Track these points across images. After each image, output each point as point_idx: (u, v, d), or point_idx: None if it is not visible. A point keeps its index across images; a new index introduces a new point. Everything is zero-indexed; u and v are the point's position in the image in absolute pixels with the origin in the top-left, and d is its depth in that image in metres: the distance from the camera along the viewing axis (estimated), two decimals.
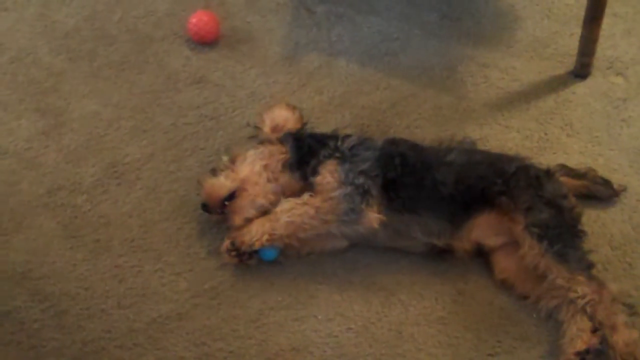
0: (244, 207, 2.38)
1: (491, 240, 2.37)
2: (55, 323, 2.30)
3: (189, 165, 2.66)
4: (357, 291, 2.37)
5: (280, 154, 2.46)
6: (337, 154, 2.38)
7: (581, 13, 2.81)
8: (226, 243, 2.37)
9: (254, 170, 2.43)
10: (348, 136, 2.45)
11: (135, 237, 2.49)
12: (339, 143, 2.41)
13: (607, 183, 2.54)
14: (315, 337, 2.27)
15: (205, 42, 3.01)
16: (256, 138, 2.55)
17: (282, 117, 2.52)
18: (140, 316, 2.32)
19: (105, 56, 2.99)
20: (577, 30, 2.87)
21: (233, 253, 2.35)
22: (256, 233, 2.31)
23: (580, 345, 2.11)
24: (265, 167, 2.43)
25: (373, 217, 2.29)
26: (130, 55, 2.99)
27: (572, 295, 2.19)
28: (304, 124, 2.54)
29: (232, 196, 2.39)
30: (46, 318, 2.31)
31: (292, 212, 2.29)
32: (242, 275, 2.39)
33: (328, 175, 2.34)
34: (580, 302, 2.17)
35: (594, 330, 2.13)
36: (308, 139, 2.48)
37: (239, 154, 2.48)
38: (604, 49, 2.96)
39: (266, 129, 2.52)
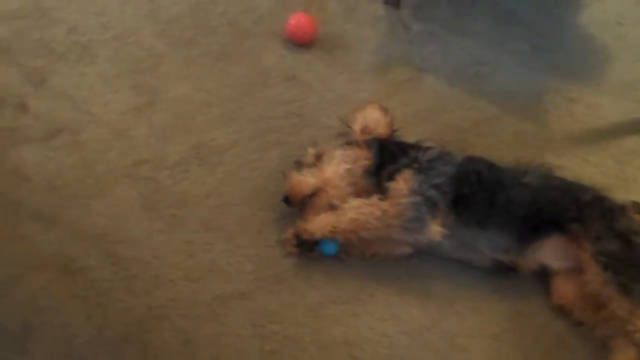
0: (321, 207, 2.45)
1: (556, 264, 2.39)
2: (124, 285, 2.39)
3: (271, 156, 2.74)
4: (416, 297, 2.41)
5: (364, 159, 2.51)
6: (415, 165, 2.42)
7: None
8: (289, 232, 2.45)
9: (337, 172, 2.49)
10: (430, 148, 2.50)
11: (210, 217, 2.57)
12: (420, 154, 2.46)
13: None
14: (369, 334, 2.32)
15: (300, 43, 3.10)
16: (344, 136, 2.61)
17: (373, 119, 2.57)
18: (205, 290, 2.40)
19: (204, 45, 3.10)
20: None
21: (294, 242, 2.43)
22: (320, 224, 2.38)
23: None
24: (349, 170, 2.49)
25: (436, 229, 2.34)
26: (227, 47, 3.10)
27: (630, 327, 2.20)
28: (394, 131, 2.58)
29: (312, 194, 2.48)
30: (116, 279, 2.40)
31: (358, 209, 2.36)
32: (305, 266, 2.46)
33: (402, 182, 2.38)
34: (637, 335, 2.18)
35: None
36: (392, 145, 2.53)
37: (326, 151, 2.55)
38: None
39: (356, 128, 2.57)
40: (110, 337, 2.29)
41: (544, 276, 2.43)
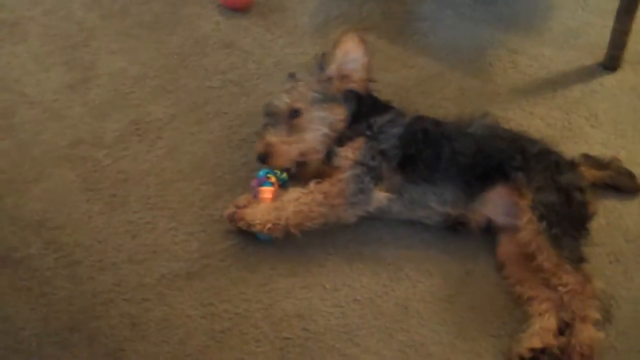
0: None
1: (500, 219, 2.38)
2: (67, 273, 2.32)
3: (211, 128, 2.68)
4: (366, 264, 2.37)
5: (340, 122, 2.45)
6: (368, 132, 2.40)
7: (615, 6, 2.80)
8: (230, 211, 2.38)
9: (316, 138, 2.43)
10: (388, 112, 2.47)
11: (151, 195, 2.51)
12: (377, 119, 2.43)
13: (630, 175, 2.53)
14: (321, 306, 2.28)
15: (236, 9, 3.03)
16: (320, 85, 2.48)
17: (351, 59, 2.47)
18: (151, 272, 2.34)
19: (137, 15, 3.01)
20: (610, 23, 2.86)
21: (233, 222, 2.37)
22: (260, 218, 2.32)
23: (537, 343, 2.11)
24: (327, 135, 2.44)
25: (381, 195, 2.33)
26: (161, 16, 3.02)
27: (555, 281, 2.20)
28: (370, 80, 2.51)
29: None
30: (59, 267, 2.34)
31: (299, 201, 2.31)
32: (253, 240, 2.40)
33: (350, 151, 2.37)
34: (561, 289, 2.18)
35: (560, 334, 2.14)
36: (367, 100, 2.48)
37: (303, 107, 2.43)
38: (635, 42, 2.94)
39: (333, 72, 2.46)
40: (56, 327, 2.22)
41: (491, 233, 2.41)
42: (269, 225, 2.30)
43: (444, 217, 2.39)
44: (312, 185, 2.33)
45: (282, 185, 2.42)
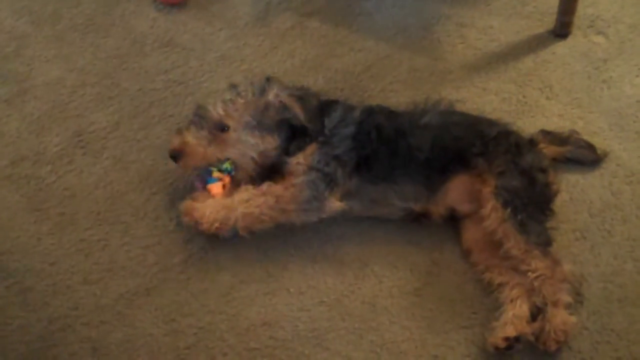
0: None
1: (464, 207, 2.33)
2: (20, 300, 2.24)
3: (157, 133, 2.59)
4: (330, 263, 2.31)
5: (272, 150, 2.35)
6: (321, 137, 2.33)
7: None
8: (185, 204, 2.30)
9: (243, 159, 2.34)
10: (335, 109, 2.38)
11: (101, 210, 2.42)
12: (326, 122, 2.35)
13: (590, 147, 2.49)
14: (287, 311, 2.23)
15: (172, 3, 2.92)
16: (257, 113, 2.37)
17: None
18: (107, 292, 2.26)
19: (70, 18, 2.89)
20: None
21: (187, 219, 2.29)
22: (208, 217, 2.24)
23: (511, 332, 2.08)
24: (255, 160, 2.35)
25: (335, 204, 2.28)
26: (95, 18, 2.90)
27: (524, 267, 2.16)
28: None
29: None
30: (10, 295, 2.25)
31: (249, 203, 2.24)
32: (211, 248, 2.33)
33: (302, 157, 2.31)
34: (531, 275, 2.14)
35: (532, 320, 2.12)
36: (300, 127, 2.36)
37: (233, 126, 2.33)
38: (585, 7, 2.90)
39: (272, 98, 2.35)
40: (13, 359, 2.14)
41: (454, 222, 2.36)
42: (216, 224, 2.24)
43: (407, 212, 2.34)
44: (265, 186, 2.27)
45: (230, 174, 2.33)
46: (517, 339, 2.07)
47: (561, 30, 2.84)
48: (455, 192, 2.32)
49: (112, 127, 2.59)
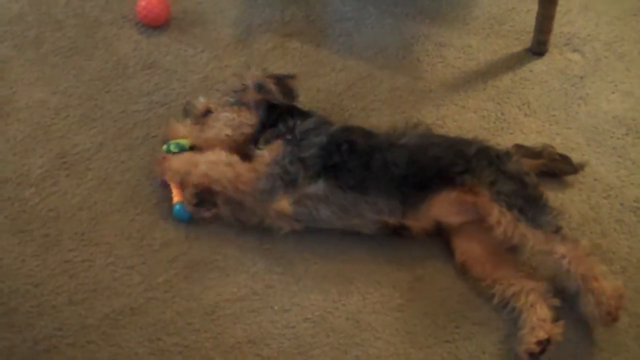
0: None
1: (452, 219, 2.35)
2: (4, 322, 2.23)
3: (141, 154, 2.59)
4: (314, 280, 2.33)
5: (248, 126, 2.46)
6: (289, 136, 2.38)
7: None
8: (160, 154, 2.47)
9: (218, 137, 2.45)
10: (309, 117, 2.45)
11: (85, 231, 2.42)
12: (298, 122, 2.41)
13: (565, 159, 2.53)
14: (272, 329, 2.24)
15: (155, 25, 2.93)
16: (237, 93, 2.52)
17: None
18: (93, 312, 2.26)
19: (52, 42, 2.90)
20: (534, 7, 2.85)
21: (194, 199, 2.36)
22: (173, 168, 2.38)
23: (542, 335, 2.10)
24: (230, 137, 2.45)
25: (282, 205, 2.31)
26: (77, 41, 2.91)
27: (554, 257, 2.19)
28: (295, 96, 2.51)
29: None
30: None
31: (212, 166, 2.32)
32: (196, 266, 2.34)
33: (267, 151, 2.35)
34: (563, 261, 2.17)
35: (554, 321, 2.14)
36: (278, 109, 2.47)
37: (215, 107, 2.51)
38: (560, 25, 2.95)
39: (250, 90, 2.49)
40: None
41: (439, 236, 2.38)
42: (178, 177, 2.36)
43: (381, 226, 2.35)
44: (234, 158, 2.34)
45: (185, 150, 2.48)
46: (548, 340, 2.10)
47: (538, 48, 2.89)
48: (441, 206, 2.34)
49: (95, 148, 2.60)
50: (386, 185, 2.32)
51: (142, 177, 2.53)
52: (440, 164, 2.34)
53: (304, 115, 2.47)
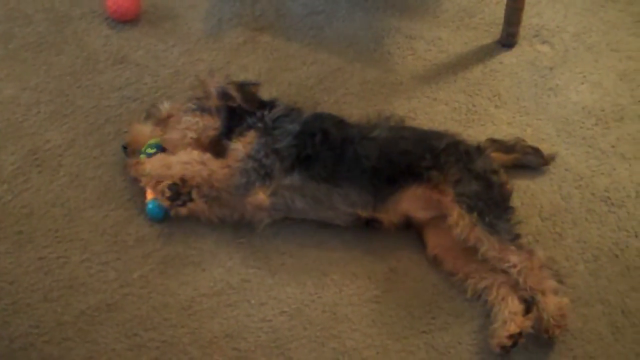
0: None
1: (420, 214, 2.36)
2: None
3: (113, 149, 2.58)
4: (290, 273, 2.34)
5: (212, 129, 2.45)
6: (260, 125, 2.38)
7: None
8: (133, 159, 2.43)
9: (183, 141, 2.43)
10: (276, 106, 2.45)
11: (59, 227, 2.41)
12: (266, 112, 2.41)
13: (536, 152, 2.55)
14: (249, 323, 2.24)
15: (125, 20, 2.92)
16: (199, 100, 2.51)
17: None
18: (69, 309, 2.25)
19: (22, 37, 2.88)
20: None
21: (167, 194, 2.33)
22: (148, 172, 2.36)
23: (513, 328, 2.12)
24: (195, 140, 2.44)
25: (260, 198, 2.31)
26: (47, 36, 2.89)
27: (504, 265, 2.21)
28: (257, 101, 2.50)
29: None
30: None
31: (186, 166, 2.32)
32: (172, 262, 2.34)
33: (241, 145, 2.35)
34: (513, 271, 2.19)
35: (526, 313, 2.16)
36: (240, 109, 2.45)
37: (176, 113, 2.49)
38: (529, 17, 2.98)
39: (214, 93, 2.48)
40: None
41: (411, 229, 2.40)
42: (153, 181, 2.35)
43: (354, 218, 2.37)
44: (206, 157, 2.34)
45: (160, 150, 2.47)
46: (520, 334, 2.12)
47: (507, 40, 2.92)
48: (409, 201, 2.35)
49: (67, 144, 2.59)
50: (358, 178, 2.33)
51: (115, 172, 2.53)
52: (410, 158, 2.35)
53: (269, 104, 2.47)
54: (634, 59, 2.87)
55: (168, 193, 2.31)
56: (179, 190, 2.31)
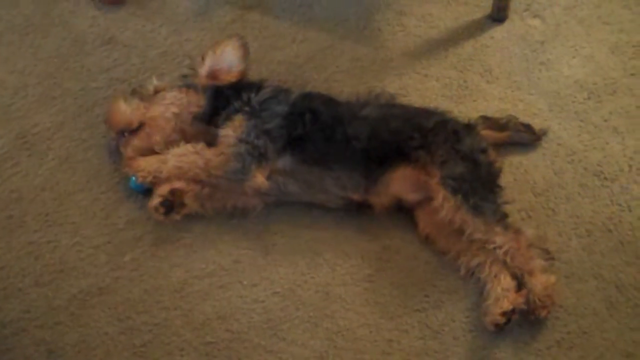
0: (138, 147, 2.37)
1: (410, 196, 2.35)
2: None
3: (102, 131, 2.55)
4: (282, 254, 2.33)
5: (196, 106, 2.42)
6: (247, 108, 2.35)
7: None
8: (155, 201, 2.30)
9: (164, 115, 2.40)
10: (264, 87, 2.41)
11: (49, 211, 2.39)
12: (252, 95, 2.37)
13: (529, 128, 2.54)
14: (241, 304, 2.24)
15: (112, 2, 2.88)
16: (187, 78, 2.49)
17: (225, 63, 2.43)
18: (60, 293, 2.24)
19: (7, 20, 2.84)
20: None
21: (161, 210, 2.29)
22: (142, 170, 2.31)
23: (506, 305, 2.12)
24: (177, 115, 2.41)
25: (259, 180, 2.28)
26: (33, 18, 2.85)
27: (490, 246, 2.20)
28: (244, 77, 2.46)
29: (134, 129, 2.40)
30: None
31: (181, 158, 2.29)
32: (163, 244, 2.33)
33: (231, 129, 2.32)
34: (499, 251, 2.19)
35: (519, 289, 2.15)
36: (228, 90, 2.41)
37: (164, 88, 2.47)
38: None
39: (202, 72, 2.43)
40: None
41: (404, 209, 2.38)
42: (150, 177, 2.30)
43: (346, 202, 2.35)
44: (199, 146, 2.31)
45: None
46: (513, 311, 2.12)
47: (498, 14, 2.88)
48: (399, 183, 2.33)
49: (56, 127, 2.56)
50: (349, 160, 2.31)
51: (104, 155, 2.50)
52: (399, 138, 2.33)
53: (256, 86, 2.43)
54: (626, 31, 2.85)
55: (162, 210, 2.28)
56: (172, 204, 2.29)
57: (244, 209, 2.38)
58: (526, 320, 2.17)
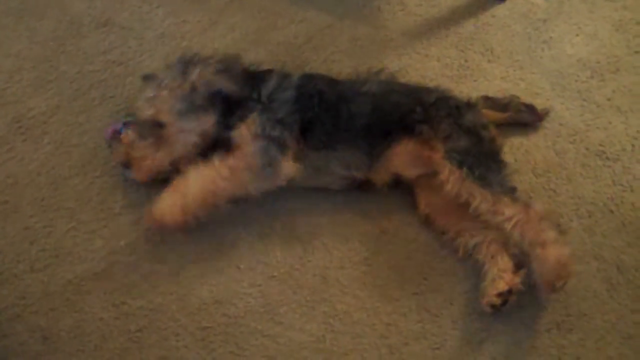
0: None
1: (409, 171, 2.32)
2: None
3: (98, 115, 2.53)
4: (279, 237, 2.31)
5: (210, 127, 2.30)
6: (259, 106, 2.29)
7: None
8: (145, 212, 2.23)
9: (187, 147, 2.30)
10: (268, 78, 2.35)
11: (45, 196, 2.38)
12: (262, 90, 2.31)
13: (531, 108, 2.50)
14: (238, 288, 2.22)
15: None
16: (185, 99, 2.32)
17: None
18: (55, 279, 2.23)
19: (2, 3, 2.81)
20: None
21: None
22: (167, 208, 2.18)
23: (502, 286, 2.09)
24: (198, 143, 2.31)
25: (290, 166, 2.22)
26: (28, 1, 2.82)
27: (498, 218, 2.14)
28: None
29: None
30: None
31: (202, 179, 2.18)
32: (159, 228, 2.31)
33: (244, 128, 2.25)
34: (508, 224, 2.13)
35: (516, 270, 2.12)
36: (235, 91, 2.32)
37: (164, 117, 2.29)
38: None
39: (196, 77, 2.30)
40: None
41: (401, 189, 2.35)
42: (180, 217, 2.17)
43: (349, 181, 2.32)
44: (216, 160, 2.20)
45: None
46: (509, 291, 2.09)
47: None
48: (400, 157, 2.31)
49: (52, 111, 2.54)
50: (352, 138, 2.28)
51: (100, 139, 2.47)
52: (401, 110, 2.31)
53: (262, 74, 2.38)
54: (630, 8, 2.80)
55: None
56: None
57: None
58: (527, 300, 2.15)
